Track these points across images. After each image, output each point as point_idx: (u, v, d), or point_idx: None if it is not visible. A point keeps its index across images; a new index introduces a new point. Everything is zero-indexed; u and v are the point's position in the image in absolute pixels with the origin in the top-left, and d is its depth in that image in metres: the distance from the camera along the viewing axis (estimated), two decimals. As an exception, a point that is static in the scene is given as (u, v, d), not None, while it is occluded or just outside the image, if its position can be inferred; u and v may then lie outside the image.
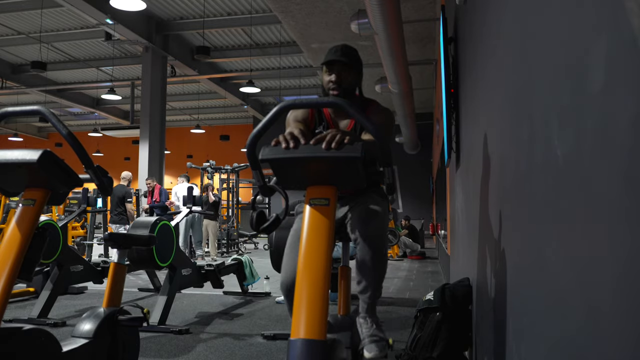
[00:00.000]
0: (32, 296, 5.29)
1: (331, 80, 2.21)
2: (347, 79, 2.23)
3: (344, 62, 2.22)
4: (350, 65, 2.23)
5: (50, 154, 1.74)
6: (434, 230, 13.42)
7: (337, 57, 2.20)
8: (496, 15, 1.60)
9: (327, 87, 2.24)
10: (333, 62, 2.21)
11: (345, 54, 2.23)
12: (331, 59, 2.21)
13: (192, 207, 6.49)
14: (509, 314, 1.39)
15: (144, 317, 2.16)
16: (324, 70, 2.26)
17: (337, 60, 2.21)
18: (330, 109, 2.31)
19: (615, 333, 0.62)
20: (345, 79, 2.23)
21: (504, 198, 1.48)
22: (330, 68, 2.22)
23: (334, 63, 2.21)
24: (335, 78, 2.21)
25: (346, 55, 2.23)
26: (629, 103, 0.56)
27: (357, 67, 2.28)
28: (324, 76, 2.26)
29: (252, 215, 1.80)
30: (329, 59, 2.22)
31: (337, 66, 2.22)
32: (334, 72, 2.22)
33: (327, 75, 2.24)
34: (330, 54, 2.25)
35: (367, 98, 2.37)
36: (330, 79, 2.22)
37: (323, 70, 2.27)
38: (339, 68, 2.22)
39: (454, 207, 4.43)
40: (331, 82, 2.22)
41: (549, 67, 0.93)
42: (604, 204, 0.65)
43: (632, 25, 0.55)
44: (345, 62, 2.21)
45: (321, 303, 1.33)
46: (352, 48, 2.29)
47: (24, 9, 11.00)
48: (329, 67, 2.23)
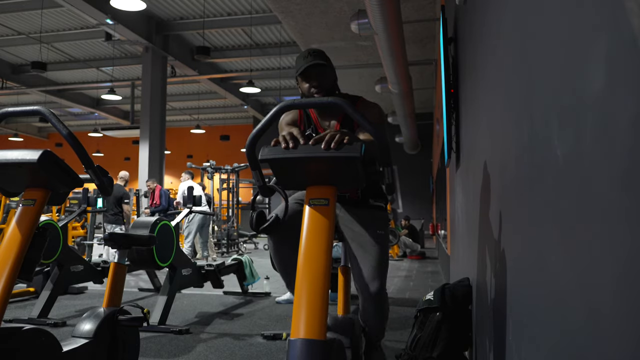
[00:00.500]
0: (32, 296, 5.29)
1: (313, 85, 2.20)
2: (326, 80, 2.23)
3: (321, 65, 2.21)
4: (325, 66, 2.23)
5: (51, 154, 1.74)
6: (434, 230, 13.42)
7: (312, 62, 2.19)
8: (496, 15, 1.60)
9: (308, 94, 2.23)
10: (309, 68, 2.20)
11: (317, 56, 2.23)
12: (307, 65, 2.19)
13: (192, 207, 6.49)
14: (509, 314, 1.39)
15: (144, 317, 2.16)
16: (300, 80, 2.24)
17: (312, 64, 2.20)
18: (316, 110, 2.31)
19: (615, 333, 0.62)
20: (325, 80, 2.23)
21: (504, 198, 1.48)
22: (308, 75, 2.21)
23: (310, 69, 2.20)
24: (316, 82, 2.20)
25: (319, 57, 2.22)
26: (629, 103, 0.56)
27: (331, 66, 2.28)
28: (302, 85, 2.24)
29: (252, 216, 1.81)
30: (304, 66, 2.20)
31: (314, 71, 2.21)
32: (312, 78, 2.21)
33: (305, 83, 2.23)
34: (302, 61, 2.23)
35: (351, 95, 2.37)
36: (311, 85, 2.21)
37: (299, 80, 2.26)
38: (317, 72, 2.21)
39: (454, 207, 4.43)
40: (313, 87, 2.20)
41: (549, 67, 0.93)
42: (604, 204, 0.65)
43: (632, 25, 0.55)
44: (321, 64, 2.21)
45: (321, 303, 1.33)
46: (320, 50, 2.30)
47: (24, 9, 11.01)
48: (306, 75, 2.21)
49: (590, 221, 0.71)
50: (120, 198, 8.29)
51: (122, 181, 8.59)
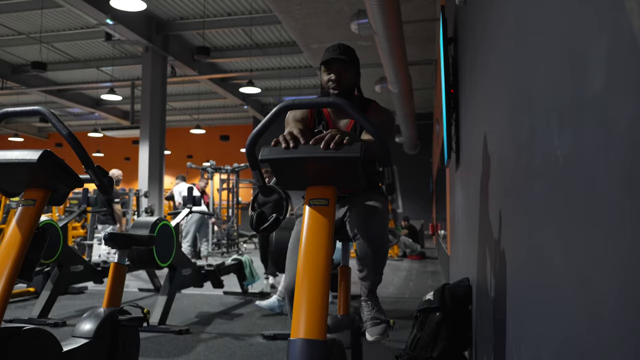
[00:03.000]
0: (33, 296, 5.29)
1: (331, 79, 2.21)
2: (346, 77, 2.23)
3: (343, 61, 2.21)
4: (349, 63, 2.23)
5: (51, 154, 1.74)
6: (434, 230, 13.42)
7: (336, 56, 2.20)
8: (496, 15, 1.60)
9: (326, 86, 2.24)
10: (332, 60, 2.21)
11: (343, 52, 2.23)
12: (330, 57, 2.20)
13: (192, 207, 6.49)
14: (509, 314, 1.39)
15: (144, 317, 2.16)
16: (323, 69, 2.25)
17: (336, 58, 2.20)
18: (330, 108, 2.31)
19: (615, 333, 0.62)
20: (345, 77, 2.22)
21: (504, 198, 1.48)
22: (329, 67, 2.22)
23: (332, 62, 2.21)
24: (334, 77, 2.21)
25: (345, 54, 2.22)
26: (629, 103, 0.56)
27: (355, 66, 2.28)
28: (323, 75, 2.25)
29: (252, 216, 1.81)
30: (327, 57, 2.21)
31: (336, 65, 2.21)
32: (333, 71, 2.21)
33: (326, 75, 2.23)
34: (328, 52, 2.24)
35: (366, 98, 2.37)
36: (329, 78, 2.22)
37: (322, 70, 2.26)
38: (338, 67, 2.22)
39: (454, 207, 4.42)
40: (331, 80, 2.21)
41: (549, 67, 0.93)
42: (604, 203, 0.65)
43: (632, 25, 0.55)
44: (344, 60, 2.21)
45: (321, 303, 1.33)
46: (350, 47, 2.29)
47: (24, 9, 11.00)
48: (327, 67, 2.22)
49: (590, 221, 0.71)
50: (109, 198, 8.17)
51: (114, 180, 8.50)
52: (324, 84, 2.26)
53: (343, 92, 2.22)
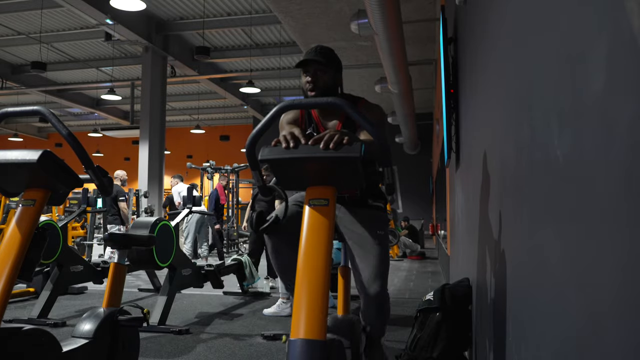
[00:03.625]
0: (32, 296, 5.29)
1: (307, 81, 2.21)
2: (323, 79, 2.23)
3: (319, 62, 2.21)
4: (325, 65, 2.22)
5: (50, 154, 1.74)
6: (434, 231, 13.42)
7: (311, 57, 2.19)
8: (496, 15, 1.60)
9: (305, 88, 2.24)
10: (307, 62, 2.20)
11: (319, 53, 2.22)
12: (305, 59, 2.20)
13: (192, 208, 6.48)
14: (509, 314, 1.39)
15: (144, 317, 2.16)
16: (301, 72, 2.25)
17: (311, 60, 2.20)
18: (318, 109, 2.31)
19: (615, 333, 0.62)
20: (322, 79, 2.22)
21: (504, 198, 1.48)
22: (306, 69, 2.22)
23: (308, 63, 2.20)
24: (311, 79, 2.20)
25: (321, 55, 2.21)
26: (629, 103, 0.56)
27: (333, 67, 2.26)
28: (302, 78, 2.26)
29: (252, 216, 1.81)
30: (302, 59, 2.21)
31: (312, 67, 2.21)
32: (310, 73, 2.21)
33: (304, 77, 2.24)
34: (304, 55, 2.24)
35: (354, 96, 2.37)
36: (306, 80, 2.21)
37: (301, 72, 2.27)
38: (315, 68, 2.21)
39: (454, 207, 4.42)
40: (307, 82, 2.21)
41: (549, 67, 0.93)
42: (604, 203, 0.65)
43: (632, 25, 0.55)
44: (320, 61, 2.20)
45: (321, 303, 1.33)
46: (328, 48, 2.29)
47: (24, 9, 11.00)
48: (304, 69, 2.22)
49: (590, 221, 0.71)
50: (115, 197, 8.19)
51: (119, 180, 8.48)
52: (303, 87, 2.26)
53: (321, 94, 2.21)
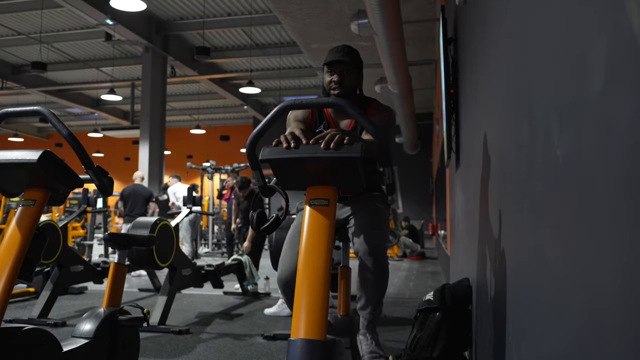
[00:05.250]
0: (33, 296, 5.29)
1: (333, 80, 2.22)
2: (349, 79, 2.24)
3: (346, 63, 2.22)
4: (351, 65, 2.23)
5: (50, 154, 1.74)
6: (434, 231, 13.42)
7: (339, 58, 2.21)
8: (496, 16, 1.60)
9: (328, 87, 2.25)
10: (335, 62, 2.21)
11: (347, 54, 2.24)
12: (333, 59, 2.21)
13: (192, 208, 6.48)
14: (509, 314, 1.39)
15: (144, 317, 2.16)
16: (326, 70, 2.26)
17: (339, 60, 2.21)
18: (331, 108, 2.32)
19: (615, 334, 0.62)
20: (347, 79, 2.23)
21: (504, 198, 1.48)
22: (332, 68, 2.22)
23: (336, 63, 2.21)
24: (337, 78, 2.21)
25: (348, 56, 2.23)
26: (629, 103, 0.56)
27: (358, 68, 2.28)
28: (325, 76, 2.26)
29: (252, 216, 1.81)
30: (331, 59, 2.22)
31: (339, 67, 2.22)
32: (336, 73, 2.22)
33: (328, 76, 2.24)
34: (332, 54, 2.24)
35: (367, 97, 2.38)
36: (332, 79, 2.22)
37: (324, 71, 2.27)
38: (341, 68, 2.22)
39: (454, 207, 4.42)
40: (333, 82, 2.22)
41: (549, 67, 0.93)
42: (604, 203, 0.65)
43: (632, 25, 0.55)
44: (348, 62, 2.21)
45: (321, 303, 1.33)
46: (354, 49, 2.30)
47: (24, 10, 11.00)
48: (330, 68, 2.23)
49: (590, 221, 0.71)
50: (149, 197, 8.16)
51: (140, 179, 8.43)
52: (325, 85, 2.26)
53: (344, 93, 2.22)
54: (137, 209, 7.93)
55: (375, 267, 2.17)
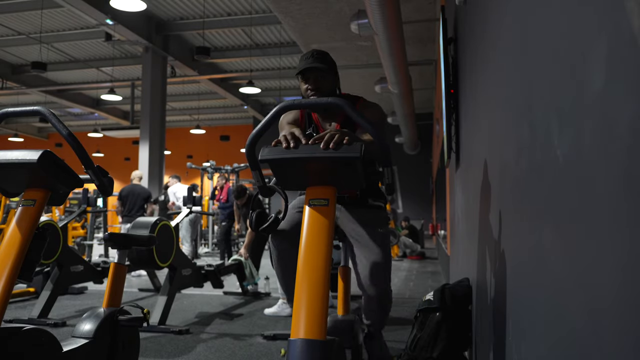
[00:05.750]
0: (33, 296, 5.29)
1: (309, 88, 2.21)
2: (325, 83, 2.23)
3: (319, 69, 2.20)
4: (324, 70, 2.22)
5: (50, 154, 1.74)
6: (434, 231, 13.42)
7: (311, 65, 2.19)
8: (496, 16, 1.60)
9: (305, 95, 2.24)
10: (307, 70, 2.20)
11: (317, 59, 2.21)
12: (305, 67, 2.19)
13: (192, 207, 6.48)
14: (509, 314, 1.39)
15: (144, 317, 2.16)
16: (300, 79, 2.25)
17: (310, 68, 2.19)
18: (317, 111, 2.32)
19: (615, 334, 0.62)
20: (323, 84, 2.22)
21: (504, 198, 1.48)
22: (306, 76, 2.21)
23: (308, 71, 2.20)
24: (312, 85, 2.20)
25: (319, 61, 2.21)
26: (629, 103, 0.56)
27: (332, 71, 2.27)
28: (302, 85, 2.25)
29: (252, 216, 1.81)
30: (302, 67, 2.20)
31: (312, 74, 2.20)
32: (310, 81, 2.21)
33: (304, 84, 2.23)
34: (303, 62, 2.23)
35: (352, 95, 2.37)
36: (308, 87, 2.21)
37: (299, 80, 2.26)
38: (315, 75, 2.21)
39: (454, 207, 4.42)
40: (309, 89, 2.21)
41: (549, 67, 0.93)
42: (604, 203, 0.65)
43: (632, 25, 0.55)
44: (320, 68, 2.20)
45: (321, 303, 1.33)
46: (324, 52, 2.29)
47: (24, 10, 11.00)
48: (304, 76, 2.21)
49: (590, 221, 0.71)
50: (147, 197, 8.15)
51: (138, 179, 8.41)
52: (303, 93, 2.25)
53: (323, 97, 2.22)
54: (135, 209, 7.92)
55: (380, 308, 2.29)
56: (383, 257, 2.22)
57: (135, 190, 8.03)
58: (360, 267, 2.23)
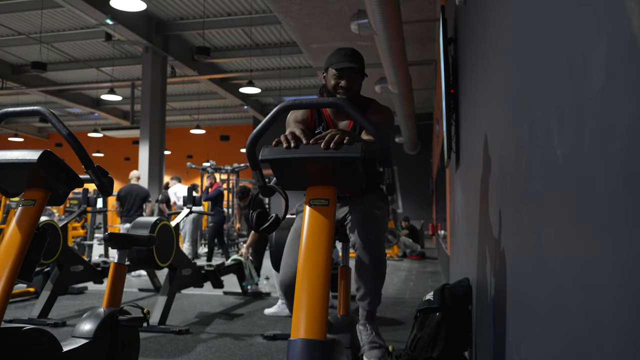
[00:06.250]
0: (33, 296, 5.29)
1: (342, 86, 2.21)
2: (357, 84, 2.24)
3: (356, 70, 2.22)
4: (359, 71, 2.24)
5: (50, 154, 1.74)
6: (434, 231, 13.42)
7: (351, 64, 2.19)
8: (496, 16, 1.60)
9: (334, 90, 2.24)
10: (346, 68, 2.20)
11: (356, 60, 2.23)
12: (344, 66, 2.19)
13: (192, 208, 6.48)
14: (509, 314, 1.39)
15: (144, 317, 2.16)
16: (333, 73, 2.24)
17: (350, 67, 2.20)
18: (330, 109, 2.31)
19: (615, 334, 0.62)
20: (355, 84, 2.23)
21: (504, 198, 1.48)
22: (341, 74, 2.21)
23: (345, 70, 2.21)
24: (345, 84, 2.21)
25: (358, 62, 2.23)
26: (629, 103, 0.57)
27: (364, 73, 2.29)
28: (331, 79, 2.24)
29: (252, 216, 1.80)
30: (342, 65, 2.20)
31: (348, 72, 2.21)
32: (344, 78, 2.21)
33: (334, 79, 2.22)
34: (341, 58, 2.22)
35: (366, 97, 2.37)
36: (340, 84, 2.21)
37: (330, 73, 2.25)
38: (350, 74, 2.21)
39: (454, 207, 4.43)
40: (341, 87, 2.21)
41: (549, 67, 0.93)
42: (604, 203, 0.65)
43: (632, 25, 0.55)
44: (357, 69, 2.21)
45: (321, 303, 1.33)
46: (358, 52, 2.29)
47: (24, 10, 10.99)
48: (339, 72, 2.22)
49: (590, 221, 0.71)
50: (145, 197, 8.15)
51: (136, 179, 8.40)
52: (330, 87, 2.24)
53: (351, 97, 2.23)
54: (134, 209, 7.92)
55: (372, 258, 2.16)
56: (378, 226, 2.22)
57: (134, 190, 8.03)
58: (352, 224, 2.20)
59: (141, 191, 8.10)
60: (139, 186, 8.25)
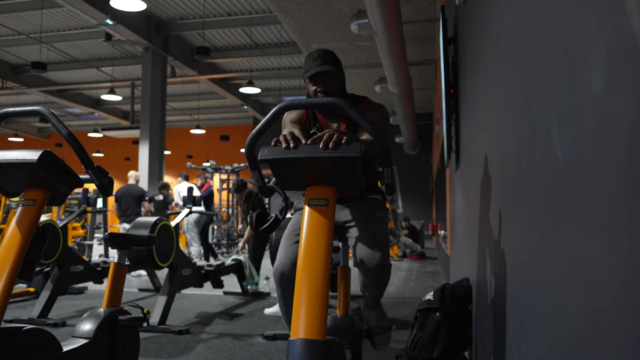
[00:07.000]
0: (33, 296, 5.29)
1: (320, 90, 2.18)
2: (333, 85, 2.21)
3: (328, 71, 2.18)
4: (333, 72, 2.20)
5: (50, 154, 1.74)
6: (434, 231, 13.42)
7: (321, 69, 2.16)
8: (496, 16, 1.60)
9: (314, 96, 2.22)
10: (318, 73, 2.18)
11: (326, 61, 2.19)
12: (316, 72, 2.17)
13: (192, 207, 6.48)
14: (509, 314, 1.39)
15: (144, 317, 2.16)
16: (308, 82, 2.22)
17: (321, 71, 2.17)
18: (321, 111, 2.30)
19: (615, 334, 0.62)
20: (332, 86, 2.20)
21: (504, 198, 1.48)
22: (316, 79, 2.19)
23: (318, 74, 2.18)
24: (322, 88, 2.18)
25: (328, 62, 2.19)
26: (629, 103, 0.56)
27: (340, 71, 2.25)
28: (309, 86, 2.21)
29: (252, 216, 1.80)
30: (313, 72, 2.17)
31: (321, 77, 2.18)
32: (319, 83, 2.18)
33: (312, 86, 2.20)
34: (310, 64, 2.19)
35: (357, 95, 2.36)
36: (317, 89, 2.18)
37: (307, 82, 2.23)
38: (324, 77, 2.19)
39: (454, 207, 4.42)
40: (320, 92, 2.18)
41: (549, 67, 0.93)
42: (603, 203, 0.65)
43: (632, 25, 0.55)
44: (329, 70, 2.18)
45: (321, 303, 1.33)
46: (330, 51, 2.26)
47: (24, 9, 10.99)
48: (313, 79, 2.19)
49: (590, 221, 0.71)
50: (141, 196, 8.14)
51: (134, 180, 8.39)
52: (311, 95, 2.23)
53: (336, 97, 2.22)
54: (130, 209, 7.93)
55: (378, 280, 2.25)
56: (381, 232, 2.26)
57: (130, 190, 8.04)
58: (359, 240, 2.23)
59: (137, 191, 8.12)
60: (135, 186, 8.26)
